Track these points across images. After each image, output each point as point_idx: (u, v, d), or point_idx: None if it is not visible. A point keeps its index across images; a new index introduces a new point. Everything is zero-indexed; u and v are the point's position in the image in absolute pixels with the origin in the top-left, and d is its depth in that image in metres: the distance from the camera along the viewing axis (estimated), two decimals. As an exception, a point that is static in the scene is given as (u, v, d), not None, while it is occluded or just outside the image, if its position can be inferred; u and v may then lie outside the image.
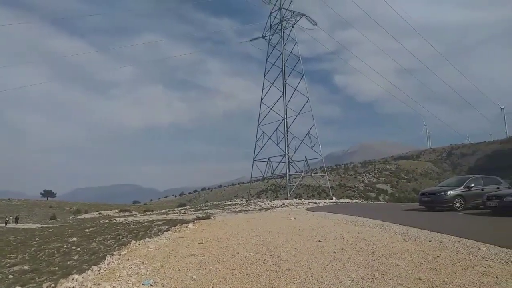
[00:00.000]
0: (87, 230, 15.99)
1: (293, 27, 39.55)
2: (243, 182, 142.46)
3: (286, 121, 37.54)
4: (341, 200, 31.44)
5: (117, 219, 20.34)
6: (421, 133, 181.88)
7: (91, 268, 6.42)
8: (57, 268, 9.87)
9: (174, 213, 22.05)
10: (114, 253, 7.63)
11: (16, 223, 45.86)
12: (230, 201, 32.28)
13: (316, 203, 24.00)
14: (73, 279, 5.91)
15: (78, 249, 12.06)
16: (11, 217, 49.89)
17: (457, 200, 13.30)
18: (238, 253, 6.49)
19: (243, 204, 24.86)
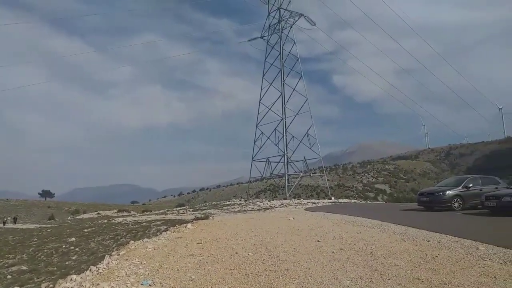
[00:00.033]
0: (86, 230, 15.96)
1: (292, 27, 39.60)
2: (242, 182, 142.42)
3: (285, 121, 37.57)
4: (340, 200, 31.49)
5: (116, 219, 20.31)
6: (420, 133, 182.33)
7: (90, 268, 6.42)
8: (56, 269, 9.85)
9: (173, 213, 22.03)
10: (113, 253, 7.62)
11: (15, 223, 45.75)
12: (229, 201, 32.29)
13: (315, 203, 24.03)
14: (72, 279, 5.91)
15: (77, 249, 12.04)
16: (9, 217, 49.80)
17: (456, 200, 13.33)
18: (237, 253, 6.49)
19: (242, 204, 24.87)
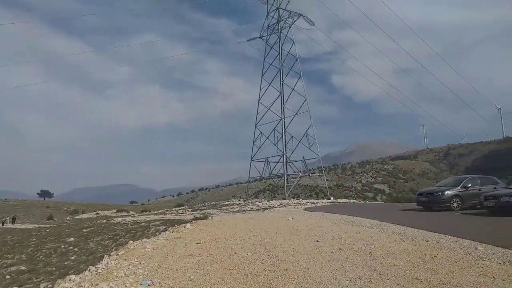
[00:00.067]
0: (85, 231, 15.95)
1: (291, 27, 39.59)
2: (241, 182, 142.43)
3: (284, 121, 37.57)
4: (339, 200, 31.50)
5: (115, 219, 20.29)
6: (419, 133, 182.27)
7: (89, 269, 6.40)
8: (54, 269, 9.84)
9: (172, 213, 22.01)
10: (112, 253, 7.61)
11: (13, 224, 45.65)
12: (228, 201, 32.29)
13: (314, 203, 24.04)
14: (71, 280, 5.90)
15: (76, 250, 12.03)
16: (8, 217, 49.70)
17: (455, 200, 13.35)
18: (236, 253, 6.49)
19: (241, 204, 24.87)
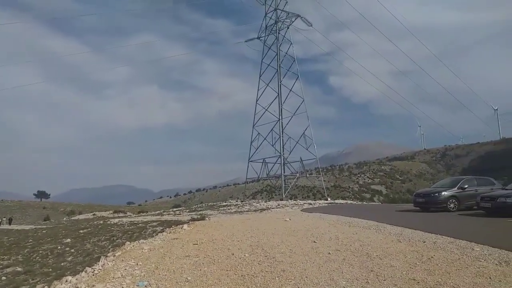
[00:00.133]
0: (81, 231, 15.88)
1: (288, 28, 39.73)
2: (238, 183, 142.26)
3: (281, 122, 37.65)
4: (336, 201, 31.54)
5: (112, 220, 20.23)
6: (416, 134, 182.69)
7: (85, 270, 6.38)
8: (51, 270, 9.78)
9: (169, 214, 21.96)
10: (108, 255, 7.58)
11: (10, 224, 45.40)
12: (225, 202, 32.28)
13: (311, 204, 24.05)
14: (67, 281, 5.88)
15: (72, 251, 11.97)
16: (4, 218, 49.37)
17: (451, 201, 13.39)
18: (233, 254, 6.48)
19: (238, 205, 24.86)
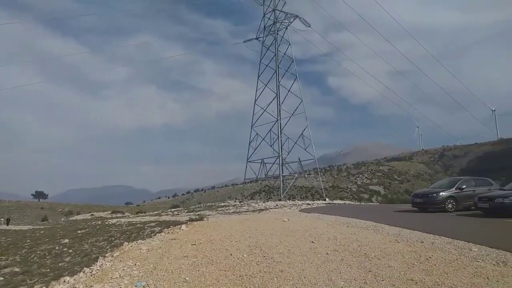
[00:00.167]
0: (79, 232, 15.84)
1: (287, 29, 39.79)
2: (237, 184, 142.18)
3: (280, 123, 37.68)
4: (334, 202, 31.53)
5: (110, 221, 20.17)
6: (414, 135, 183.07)
7: (83, 270, 6.37)
8: (49, 270, 9.75)
9: (167, 215, 21.91)
10: (106, 255, 7.57)
11: (7, 225, 45.24)
12: (224, 203, 32.24)
13: (310, 205, 24.05)
14: (65, 281, 5.87)
15: (70, 251, 11.93)
16: (2, 219, 49.22)
17: (449, 202, 13.43)
18: (231, 255, 6.48)
19: (237, 206, 24.84)
